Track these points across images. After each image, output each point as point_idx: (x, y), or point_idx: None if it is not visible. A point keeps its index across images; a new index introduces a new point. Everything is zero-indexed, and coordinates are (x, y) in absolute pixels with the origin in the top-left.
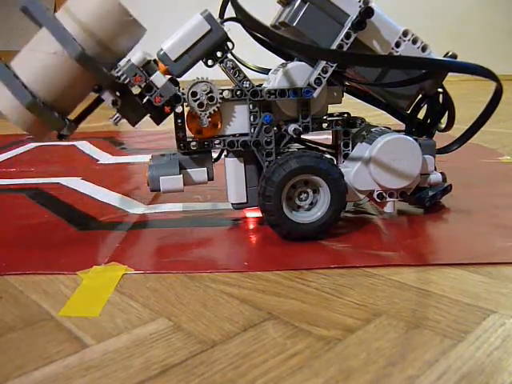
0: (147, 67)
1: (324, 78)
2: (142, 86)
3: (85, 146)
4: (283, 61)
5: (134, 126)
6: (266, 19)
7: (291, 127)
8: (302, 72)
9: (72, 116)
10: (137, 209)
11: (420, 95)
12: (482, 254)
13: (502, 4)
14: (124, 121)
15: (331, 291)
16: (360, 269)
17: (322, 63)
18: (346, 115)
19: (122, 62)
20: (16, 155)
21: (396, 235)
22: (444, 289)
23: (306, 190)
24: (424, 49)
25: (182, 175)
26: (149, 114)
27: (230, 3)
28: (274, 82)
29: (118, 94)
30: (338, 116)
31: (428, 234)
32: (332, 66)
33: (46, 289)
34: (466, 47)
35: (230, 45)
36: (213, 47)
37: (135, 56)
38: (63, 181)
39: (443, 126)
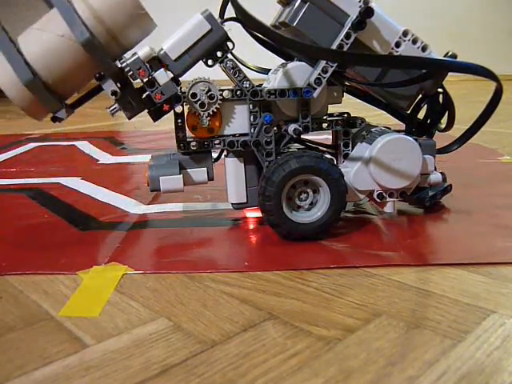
0: (152, 63)
1: (324, 78)
2: (145, 80)
3: (85, 146)
4: (283, 61)
5: (129, 119)
6: (266, 19)
7: (291, 127)
8: (302, 72)
9: (69, 101)
10: (137, 209)
11: (420, 95)
12: (482, 254)
13: (501, 4)
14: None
15: (331, 291)
16: (360, 269)
17: (322, 63)
18: (346, 115)
19: (128, 54)
20: (16, 155)
21: (396, 235)
22: (444, 289)
23: (306, 190)
24: (424, 49)
25: (181, 175)
26: (146, 110)
27: (230, 3)
28: (274, 82)
29: (118, 85)
30: (338, 116)
31: (428, 234)
32: (332, 66)
33: (45, 289)
34: (466, 47)
35: (230, 45)
36: (213, 47)
37: (142, 50)
38: (63, 181)
39: (443, 126)
